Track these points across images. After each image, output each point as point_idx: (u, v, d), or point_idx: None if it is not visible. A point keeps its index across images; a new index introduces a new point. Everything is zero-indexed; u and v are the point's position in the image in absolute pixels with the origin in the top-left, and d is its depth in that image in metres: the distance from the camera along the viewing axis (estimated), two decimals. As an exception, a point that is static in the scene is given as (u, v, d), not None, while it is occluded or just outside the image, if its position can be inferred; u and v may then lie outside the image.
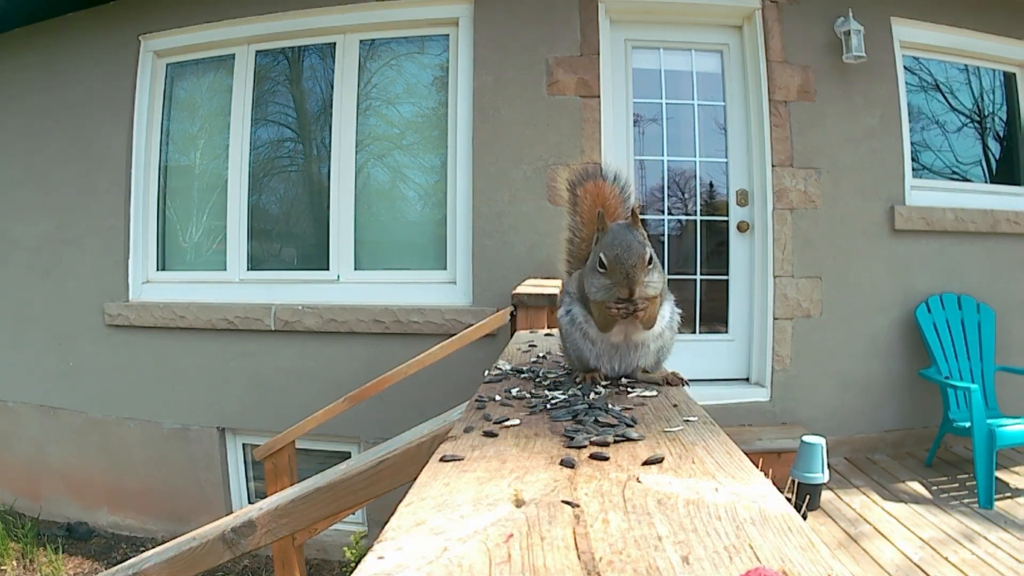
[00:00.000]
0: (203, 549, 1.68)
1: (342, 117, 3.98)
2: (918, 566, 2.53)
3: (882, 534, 2.82)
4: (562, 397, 0.97)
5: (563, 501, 0.57)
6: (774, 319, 3.80)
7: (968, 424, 3.34)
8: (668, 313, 1.11)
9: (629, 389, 1.03)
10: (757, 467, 0.66)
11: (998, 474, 3.31)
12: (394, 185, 4.13)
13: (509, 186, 3.76)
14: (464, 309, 3.72)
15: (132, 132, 4.13)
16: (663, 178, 4.02)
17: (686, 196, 4.06)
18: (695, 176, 4.01)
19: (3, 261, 4.43)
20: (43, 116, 4.32)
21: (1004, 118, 4.36)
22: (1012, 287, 4.02)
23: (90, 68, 4.20)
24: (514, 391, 1.02)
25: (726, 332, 3.99)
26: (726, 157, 3.97)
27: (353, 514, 3.58)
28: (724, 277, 3.98)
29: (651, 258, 0.99)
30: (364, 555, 0.50)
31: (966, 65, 4.24)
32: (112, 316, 4.09)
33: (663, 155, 3.99)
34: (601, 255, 1.00)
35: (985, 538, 2.76)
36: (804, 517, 2.01)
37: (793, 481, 3.10)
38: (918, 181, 4.03)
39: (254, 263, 4.14)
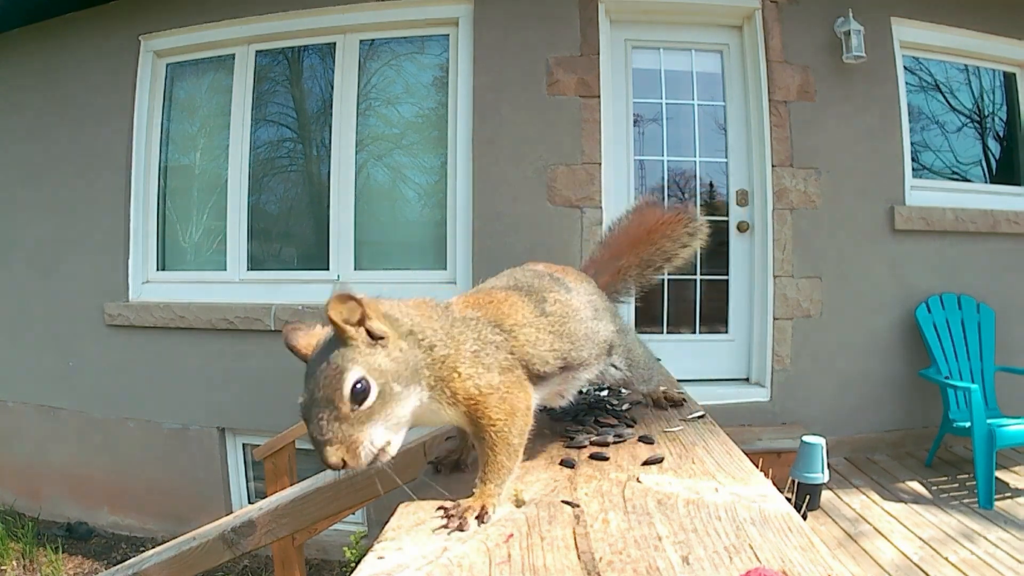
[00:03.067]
0: (203, 549, 1.68)
1: (342, 117, 3.98)
2: (918, 566, 2.53)
3: (882, 534, 2.82)
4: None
5: (563, 501, 0.57)
6: (774, 319, 3.79)
7: (968, 424, 3.34)
8: (622, 361, 0.88)
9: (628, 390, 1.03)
10: (757, 467, 0.66)
11: (998, 474, 3.31)
12: (394, 185, 4.13)
13: (509, 186, 3.75)
14: (464, 309, 3.71)
15: (132, 132, 4.12)
16: (663, 178, 4.02)
17: (686, 196, 4.05)
18: (695, 176, 4.01)
19: (3, 261, 4.42)
20: (43, 116, 4.31)
21: (1004, 118, 4.36)
22: (1012, 287, 4.01)
23: (90, 68, 4.19)
24: (514, 391, 1.01)
25: (726, 332, 3.98)
26: (726, 157, 3.97)
27: (353, 514, 3.57)
28: (724, 277, 3.97)
29: (359, 393, 0.60)
30: (364, 555, 0.50)
31: (966, 65, 4.23)
32: (112, 316, 4.08)
33: (663, 155, 3.98)
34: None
35: (985, 538, 2.76)
36: (804, 517, 2.01)
37: (793, 481, 3.10)
38: (918, 181, 4.02)
39: (254, 263, 4.13)
